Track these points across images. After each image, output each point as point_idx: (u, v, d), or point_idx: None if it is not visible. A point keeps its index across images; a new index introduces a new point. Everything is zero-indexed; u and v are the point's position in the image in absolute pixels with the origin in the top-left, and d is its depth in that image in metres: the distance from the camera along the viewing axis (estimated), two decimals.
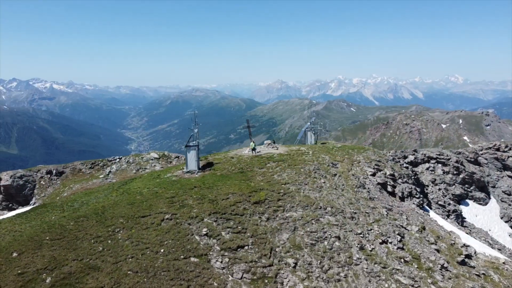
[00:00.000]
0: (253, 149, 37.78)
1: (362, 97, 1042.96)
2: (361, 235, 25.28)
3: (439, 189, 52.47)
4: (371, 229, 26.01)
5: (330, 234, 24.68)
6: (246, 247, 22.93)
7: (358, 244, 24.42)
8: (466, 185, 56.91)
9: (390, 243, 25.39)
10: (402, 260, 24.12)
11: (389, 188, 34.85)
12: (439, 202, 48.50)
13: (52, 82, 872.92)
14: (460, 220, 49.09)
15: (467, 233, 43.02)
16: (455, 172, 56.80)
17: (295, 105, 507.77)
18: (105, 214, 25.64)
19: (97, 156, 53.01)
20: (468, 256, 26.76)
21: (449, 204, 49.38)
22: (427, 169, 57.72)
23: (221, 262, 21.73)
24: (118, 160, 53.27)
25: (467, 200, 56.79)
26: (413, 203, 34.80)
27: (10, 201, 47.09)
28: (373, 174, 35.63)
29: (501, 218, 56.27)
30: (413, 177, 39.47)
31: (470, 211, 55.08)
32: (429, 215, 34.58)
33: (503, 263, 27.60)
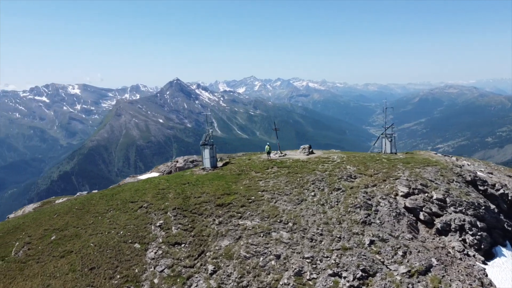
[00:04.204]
0: (268, 153, 36.46)
1: None
2: (309, 260, 22.01)
3: None
4: (327, 257, 22.16)
5: (270, 251, 22.71)
6: (182, 245, 24.22)
7: (296, 268, 21.53)
8: None
9: (344, 278, 21.04)
10: None
11: (422, 216, 27.33)
12: None
13: (308, 81, 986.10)
14: None
15: None
16: None
17: None
18: (116, 196, 31.65)
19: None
20: None
21: None
22: None
23: (155, 253, 23.91)
24: None
25: None
26: (457, 240, 26.13)
27: None
28: (406, 195, 28.70)
29: None
30: (484, 207, 28.93)
31: None
32: (473, 260, 25.22)
33: None
